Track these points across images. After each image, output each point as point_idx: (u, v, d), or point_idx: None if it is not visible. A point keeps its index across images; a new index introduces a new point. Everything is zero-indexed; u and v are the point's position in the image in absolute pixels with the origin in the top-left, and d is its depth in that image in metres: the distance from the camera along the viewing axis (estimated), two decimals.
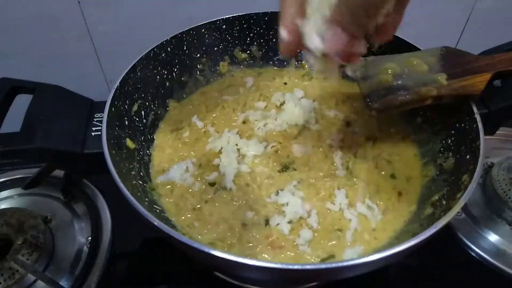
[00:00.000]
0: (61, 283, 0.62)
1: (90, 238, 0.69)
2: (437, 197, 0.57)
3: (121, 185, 0.48)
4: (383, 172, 0.64)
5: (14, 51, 0.91)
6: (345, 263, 0.41)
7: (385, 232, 0.57)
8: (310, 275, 0.44)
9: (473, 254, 0.70)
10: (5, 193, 0.79)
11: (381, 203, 0.60)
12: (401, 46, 0.72)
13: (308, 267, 0.41)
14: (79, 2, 0.86)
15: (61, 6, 0.86)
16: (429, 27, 0.97)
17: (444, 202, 0.54)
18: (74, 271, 0.65)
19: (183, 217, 0.60)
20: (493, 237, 0.71)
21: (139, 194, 0.57)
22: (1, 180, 0.80)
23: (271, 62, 0.85)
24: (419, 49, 0.69)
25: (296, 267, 0.41)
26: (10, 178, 0.80)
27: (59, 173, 0.76)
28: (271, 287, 0.70)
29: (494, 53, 0.65)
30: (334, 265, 0.41)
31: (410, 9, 1.02)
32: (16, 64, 0.91)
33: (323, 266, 0.42)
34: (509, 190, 0.72)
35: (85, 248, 0.68)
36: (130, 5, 0.89)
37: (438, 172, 0.62)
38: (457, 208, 0.46)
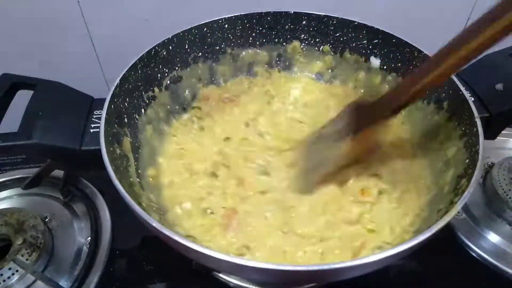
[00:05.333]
0: (60, 283, 0.62)
1: (89, 238, 0.69)
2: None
3: (116, 182, 0.48)
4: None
5: (13, 51, 0.90)
6: (344, 264, 0.40)
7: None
8: (308, 276, 0.44)
9: (473, 254, 0.70)
10: (4, 193, 0.78)
11: None
12: (402, 47, 0.72)
13: (309, 268, 0.41)
14: (78, 2, 0.86)
15: (60, 6, 0.85)
16: (429, 27, 0.97)
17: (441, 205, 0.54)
18: (73, 271, 0.65)
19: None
20: (493, 237, 0.71)
21: (136, 191, 0.57)
22: (1, 180, 0.80)
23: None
24: (420, 50, 0.69)
25: (297, 268, 0.40)
26: (9, 178, 0.80)
27: (58, 173, 0.76)
28: (270, 287, 0.70)
29: (496, 57, 0.65)
30: (333, 266, 0.40)
31: (411, 9, 1.02)
32: (15, 64, 0.90)
33: (323, 267, 0.41)
34: (510, 190, 0.72)
35: (85, 248, 0.68)
36: (130, 5, 0.88)
37: None
38: (453, 212, 0.46)
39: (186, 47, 0.75)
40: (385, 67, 0.76)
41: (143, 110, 0.69)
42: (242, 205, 0.60)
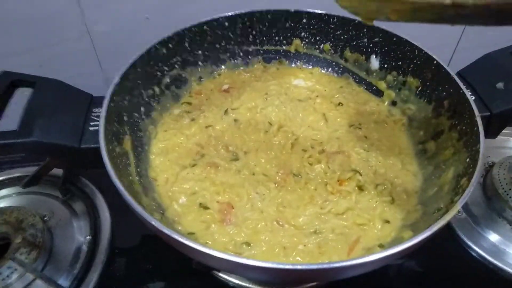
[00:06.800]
0: (59, 282, 0.62)
1: (89, 237, 0.69)
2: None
3: (116, 180, 0.48)
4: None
5: (13, 50, 0.90)
6: (345, 263, 0.40)
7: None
8: (307, 274, 0.44)
9: (473, 253, 0.70)
10: (3, 192, 0.78)
11: None
12: (403, 46, 0.72)
13: (309, 267, 0.41)
14: (78, 1, 0.85)
15: (60, 6, 0.85)
16: (429, 27, 0.96)
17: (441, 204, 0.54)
18: (73, 270, 0.65)
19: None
20: (493, 237, 0.71)
21: (136, 190, 0.57)
22: (0, 178, 0.79)
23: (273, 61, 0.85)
24: (421, 49, 0.69)
25: (297, 267, 0.40)
26: (8, 176, 0.80)
27: (58, 171, 0.75)
28: (270, 286, 0.70)
29: (497, 56, 0.65)
30: (333, 265, 0.41)
31: None
32: (15, 63, 0.90)
33: (322, 266, 0.41)
34: (510, 189, 0.72)
35: (84, 247, 0.68)
36: (129, 4, 0.88)
37: None
38: (453, 211, 0.46)
39: (187, 45, 0.74)
40: (385, 66, 0.76)
41: (142, 108, 0.69)
42: (235, 197, 0.61)
